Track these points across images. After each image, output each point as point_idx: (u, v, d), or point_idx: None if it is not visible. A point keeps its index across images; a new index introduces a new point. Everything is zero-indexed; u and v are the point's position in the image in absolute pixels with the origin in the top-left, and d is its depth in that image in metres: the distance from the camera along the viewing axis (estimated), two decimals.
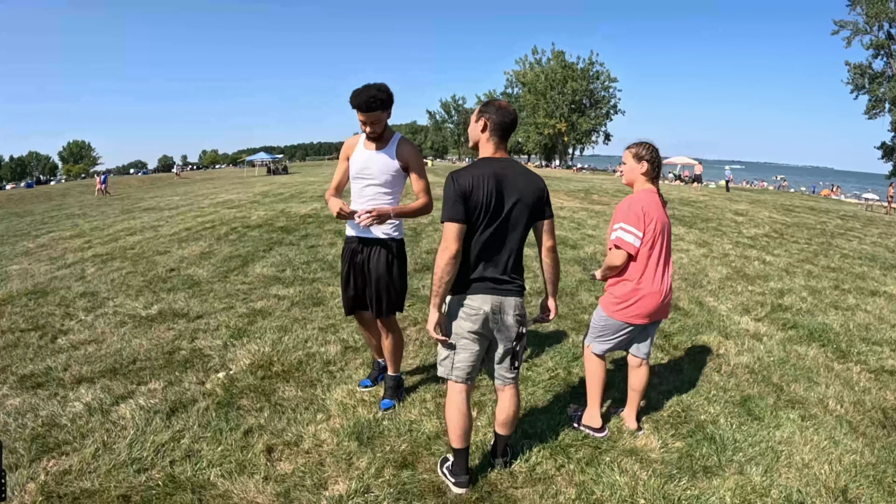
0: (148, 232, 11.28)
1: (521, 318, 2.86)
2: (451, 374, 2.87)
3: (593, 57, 70.53)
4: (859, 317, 6.25)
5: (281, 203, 15.99)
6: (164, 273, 7.50)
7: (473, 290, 2.76)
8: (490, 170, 2.72)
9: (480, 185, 2.67)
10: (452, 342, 2.81)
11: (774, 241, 11.18)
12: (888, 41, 41.16)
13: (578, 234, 10.87)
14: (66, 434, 3.41)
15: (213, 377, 4.21)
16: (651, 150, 3.39)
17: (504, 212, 2.73)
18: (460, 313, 2.78)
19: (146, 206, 17.55)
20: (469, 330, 2.78)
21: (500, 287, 2.79)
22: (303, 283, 6.89)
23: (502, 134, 2.82)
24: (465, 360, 2.83)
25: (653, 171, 3.41)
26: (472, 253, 2.74)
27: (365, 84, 3.35)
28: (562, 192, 19.95)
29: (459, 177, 2.69)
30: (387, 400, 3.80)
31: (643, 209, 3.27)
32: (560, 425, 3.56)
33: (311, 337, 5.04)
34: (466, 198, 2.65)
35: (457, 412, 2.85)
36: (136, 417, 3.59)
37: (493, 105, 2.83)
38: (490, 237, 2.73)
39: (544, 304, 3.12)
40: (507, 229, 2.76)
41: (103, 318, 5.67)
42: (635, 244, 3.27)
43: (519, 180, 2.76)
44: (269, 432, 3.44)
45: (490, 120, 2.79)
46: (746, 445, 3.44)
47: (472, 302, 2.76)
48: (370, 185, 3.53)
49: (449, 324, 2.82)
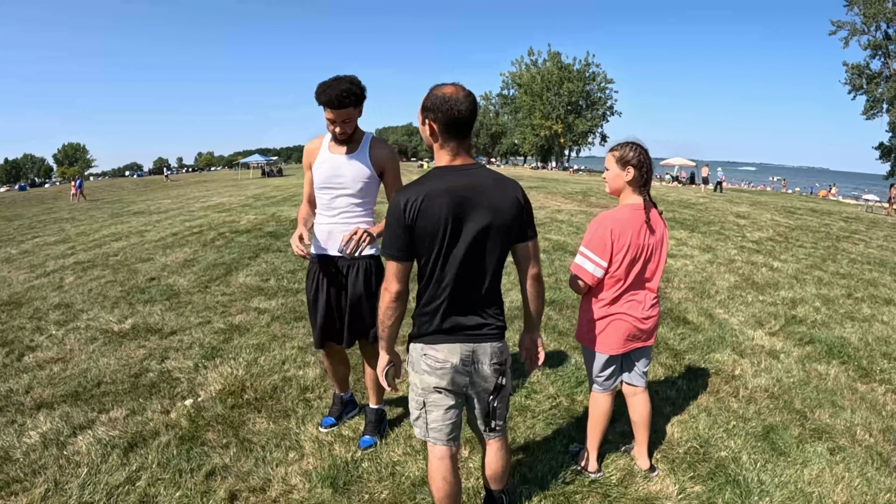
0: (133, 237, 11.03)
1: (500, 366, 2.27)
2: (427, 436, 2.31)
3: (589, 58, 70.34)
4: (877, 329, 5.89)
5: (272, 206, 15.72)
6: (143, 283, 7.18)
7: (436, 338, 2.20)
8: (444, 184, 2.06)
9: (430, 208, 2.04)
10: (420, 398, 2.28)
11: (780, 245, 10.82)
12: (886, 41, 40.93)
13: (578, 239, 10.50)
14: (18, 470, 3.09)
15: (180, 405, 3.83)
16: (639, 152, 2.79)
17: (469, 239, 2.09)
18: (423, 365, 2.22)
19: (136, 210, 17.32)
20: (435, 386, 2.22)
21: (472, 333, 2.20)
22: (286, 295, 6.52)
23: (457, 132, 2.11)
24: (439, 420, 2.27)
25: (640, 179, 2.82)
26: (432, 291, 2.17)
27: (334, 76, 2.87)
28: (559, 195, 19.64)
29: (401, 197, 2.07)
30: (367, 437, 3.35)
31: (612, 233, 2.75)
32: (563, 467, 3.14)
33: (290, 358, 4.65)
34: (410, 226, 2.05)
35: (441, 481, 2.31)
36: (93, 452, 3.24)
37: (435, 98, 2.09)
38: (454, 271, 2.12)
39: (524, 342, 2.52)
40: (476, 259, 2.14)
41: (74, 332, 5.36)
42: (595, 274, 2.80)
43: (488, 194, 2.11)
44: (233, 475, 3.04)
45: (436, 121, 2.09)
46: (773, 488, 3.05)
47: (435, 353, 2.19)
48: (341, 195, 3.06)
49: (416, 377, 2.27)
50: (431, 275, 2.15)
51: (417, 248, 2.11)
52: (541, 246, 9.56)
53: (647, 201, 2.86)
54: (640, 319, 2.88)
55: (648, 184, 2.88)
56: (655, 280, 2.91)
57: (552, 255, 8.83)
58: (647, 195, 2.88)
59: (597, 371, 3.02)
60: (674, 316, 5.93)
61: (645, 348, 3.05)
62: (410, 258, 2.13)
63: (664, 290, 6.99)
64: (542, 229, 11.45)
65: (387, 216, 2.13)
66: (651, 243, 2.84)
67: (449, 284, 2.14)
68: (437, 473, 2.31)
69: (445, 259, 2.11)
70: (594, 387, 3.08)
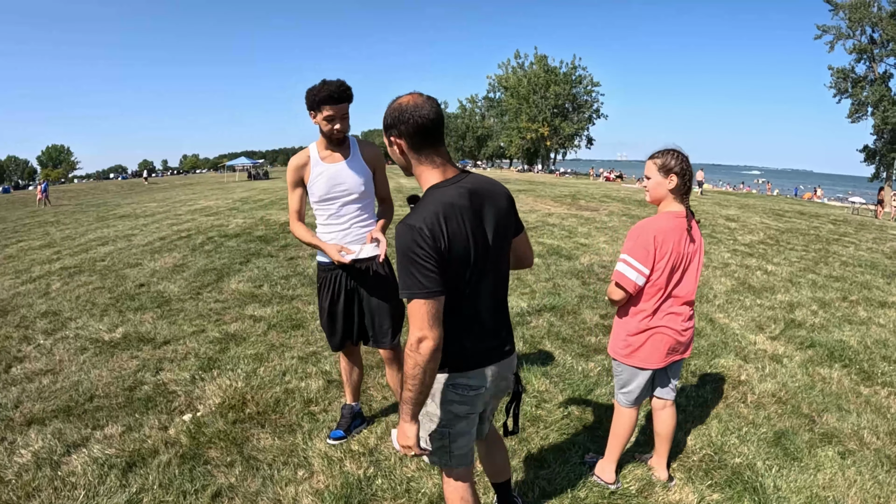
0: (121, 242, 10.84)
1: (517, 375, 2.23)
2: (450, 464, 2.12)
3: (576, 61, 70.52)
4: (874, 331, 5.90)
5: (260, 210, 15.55)
6: (132, 289, 7.02)
7: (469, 365, 2.01)
8: (460, 200, 1.88)
9: (459, 229, 1.84)
10: (445, 428, 2.07)
11: (772, 248, 10.85)
12: (871, 45, 41.41)
13: (571, 242, 10.46)
14: (11, 493, 2.95)
15: (178, 420, 3.70)
16: (681, 159, 2.72)
17: (491, 251, 1.97)
18: (450, 396, 2.03)
19: (122, 214, 17.08)
20: (468, 412, 2.07)
21: (501, 349, 2.09)
22: (281, 302, 6.39)
23: (428, 139, 1.91)
24: (465, 446, 2.13)
25: (683, 187, 2.74)
26: (460, 318, 1.95)
27: (322, 80, 2.89)
28: (548, 198, 19.62)
29: (425, 223, 1.80)
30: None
31: (656, 240, 2.67)
32: (581, 479, 3.07)
33: (290, 368, 4.53)
34: (443, 255, 1.81)
35: (460, 501, 2.16)
36: (89, 473, 3.11)
37: (393, 112, 1.91)
38: (482, 291, 1.98)
39: None
40: (497, 270, 2.03)
41: (63, 342, 5.21)
42: (637, 282, 2.70)
43: (490, 200, 1.98)
44: (241, 495, 2.93)
45: (403, 135, 1.90)
46: (790, 494, 3.02)
47: (468, 381, 2.02)
48: (346, 202, 3.06)
49: (438, 409, 2.05)
50: (464, 300, 1.94)
51: (451, 277, 1.87)
52: (535, 251, 9.52)
53: (688, 210, 2.81)
54: (680, 332, 2.82)
55: (689, 192, 2.81)
56: (693, 291, 2.84)
57: (547, 260, 8.78)
58: (688, 203, 2.82)
59: (632, 387, 2.92)
60: None
61: (680, 361, 2.99)
62: (446, 291, 1.85)
63: None
64: (534, 233, 11.42)
65: (408, 249, 1.80)
66: (690, 252, 2.78)
67: (481, 303, 2.00)
68: (455, 494, 2.16)
69: (478, 279, 1.95)
70: (621, 400, 2.99)
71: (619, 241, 10.84)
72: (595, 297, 6.69)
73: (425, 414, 2.07)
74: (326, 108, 2.87)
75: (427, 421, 2.08)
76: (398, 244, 1.81)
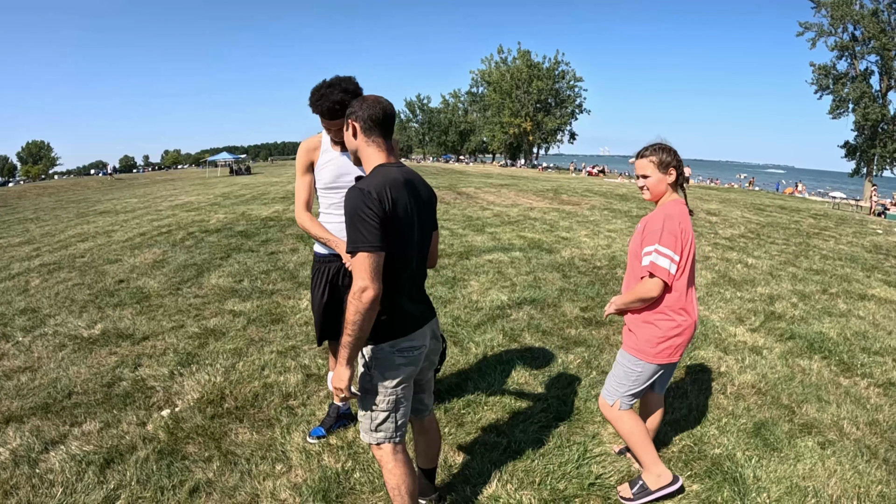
0: (100, 238, 10.71)
1: (441, 334, 2.53)
2: (395, 437, 2.28)
3: (559, 56, 70.67)
4: (854, 324, 5.96)
5: (242, 205, 15.45)
6: (112, 285, 6.93)
7: (412, 326, 2.26)
8: (396, 176, 2.15)
9: (400, 198, 2.12)
10: (391, 396, 2.25)
11: (752, 241, 10.96)
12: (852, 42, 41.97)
13: (553, 236, 10.50)
14: None
15: (156, 416, 3.65)
16: (674, 153, 2.77)
17: (422, 226, 2.28)
18: (397, 360, 2.22)
19: (102, 210, 16.86)
20: (410, 373, 2.29)
21: (430, 310, 2.42)
22: (261, 297, 6.34)
23: (382, 131, 2.22)
24: (405, 413, 2.33)
25: (681, 177, 2.81)
26: (398, 283, 2.19)
27: (330, 80, 2.82)
28: (530, 193, 19.67)
29: (373, 188, 2.06)
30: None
31: (680, 226, 2.65)
32: (561, 470, 3.07)
33: (269, 363, 4.49)
34: (388, 217, 2.06)
35: (410, 478, 2.31)
36: (67, 470, 3.06)
37: (360, 101, 2.24)
38: (417, 263, 2.29)
39: None
40: (425, 244, 2.34)
41: (42, 339, 5.13)
42: (672, 271, 2.62)
43: (424, 187, 2.34)
44: (218, 490, 2.89)
45: (359, 119, 2.20)
46: (769, 484, 3.04)
47: (411, 343, 2.25)
48: None
49: (384, 374, 2.23)
50: (400, 265, 2.17)
51: (389, 238, 2.09)
52: (516, 244, 9.56)
53: (685, 196, 2.87)
54: (695, 323, 2.80)
55: (686, 181, 2.87)
56: (694, 277, 2.83)
57: (528, 254, 8.78)
58: (685, 192, 2.89)
59: (644, 385, 2.84)
60: None
61: None
62: (388, 249, 2.09)
63: None
64: (516, 227, 11.45)
65: (357, 209, 2.03)
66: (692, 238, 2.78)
67: (413, 271, 2.27)
68: (403, 471, 2.30)
69: (412, 247, 2.22)
70: (625, 403, 2.86)
71: (601, 234, 10.89)
72: (575, 290, 6.70)
73: (372, 388, 2.25)
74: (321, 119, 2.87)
75: (374, 397, 2.25)
76: (347, 205, 2.06)
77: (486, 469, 3.06)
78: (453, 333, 5.16)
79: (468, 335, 5.16)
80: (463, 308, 5.97)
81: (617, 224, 12.34)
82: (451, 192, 19.20)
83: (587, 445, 3.32)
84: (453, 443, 3.34)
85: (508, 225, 11.80)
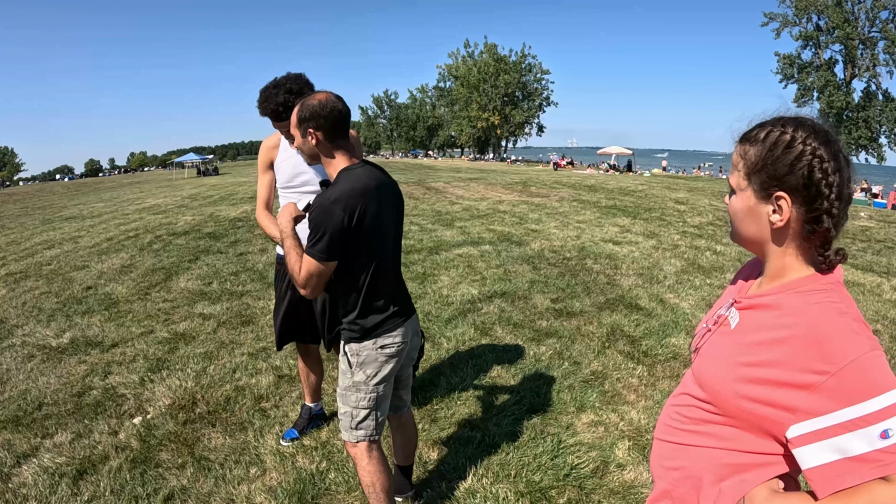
0: (67, 244, 10.50)
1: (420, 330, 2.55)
2: (374, 435, 2.32)
3: (526, 49, 70.81)
4: None
5: (210, 206, 15.26)
6: (79, 292, 6.81)
7: (392, 324, 2.28)
8: (363, 182, 2.12)
9: (371, 205, 2.11)
10: (373, 393, 2.28)
11: (721, 229, 11.14)
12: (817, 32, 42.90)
13: (522, 228, 10.58)
14: None
15: (128, 424, 3.61)
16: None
17: (394, 226, 2.31)
18: (381, 357, 2.27)
19: (68, 216, 16.50)
20: (392, 370, 2.32)
21: (410, 307, 2.42)
22: (230, 298, 6.30)
23: (342, 132, 2.18)
24: (385, 409, 2.39)
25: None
26: (377, 283, 2.22)
27: (276, 80, 2.80)
28: (499, 186, 19.75)
29: (343, 201, 2.03)
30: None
31: None
32: (534, 462, 3.11)
33: (240, 365, 4.46)
34: (354, 229, 2.06)
35: (384, 475, 2.34)
36: (40, 483, 3.02)
37: (311, 107, 2.12)
38: (392, 260, 2.32)
39: None
40: (398, 242, 2.37)
41: (10, 350, 5.04)
42: None
43: (390, 184, 2.32)
44: (193, 497, 2.87)
45: (321, 128, 2.12)
46: None
47: (394, 339, 2.28)
48: (307, 193, 2.96)
49: (366, 372, 2.26)
50: (378, 268, 2.20)
51: (358, 247, 2.12)
52: (485, 237, 9.60)
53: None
54: None
55: None
56: None
57: (498, 247, 8.83)
58: None
59: None
60: (626, 303, 6.01)
61: None
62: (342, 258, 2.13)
63: (613, 276, 7.08)
64: (485, 221, 11.50)
65: (319, 221, 2.04)
66: None
67: (390, 273, 2.30)
68: (380, 468, 2.33)
69: (387, 250, 2.25)
70: None
71: (570, 225, 10.99)
72: (546, 282, 6.76)
73: (353, 385, 2.27)
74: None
75: (354, 395, 2.28)
76: (314, 213, 2.07)
77: (462, 464, 3.09)
78: (425, 329, 5.17)
79: (439, 330, 5.18)
80: (434, 303, 6.00)
81: (586, 215, 12.45)
82: (420, 188, 19.18)
83: (561, 437, 3.36)
84: (427, 439, 3.36)
85: (478, 219, 11.84)
